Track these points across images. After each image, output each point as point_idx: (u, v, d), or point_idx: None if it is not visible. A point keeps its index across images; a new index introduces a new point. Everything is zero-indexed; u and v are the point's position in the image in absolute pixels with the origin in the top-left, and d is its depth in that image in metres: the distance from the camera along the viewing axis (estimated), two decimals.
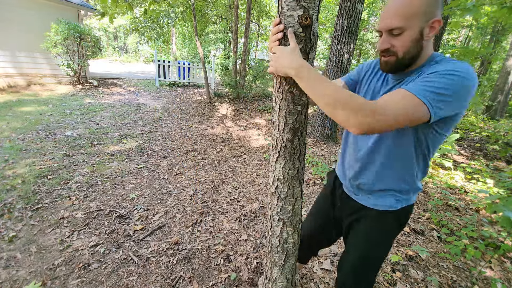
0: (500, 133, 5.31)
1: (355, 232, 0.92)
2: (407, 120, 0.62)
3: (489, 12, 2.64)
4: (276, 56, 0.72)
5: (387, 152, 0.79)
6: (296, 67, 0.67)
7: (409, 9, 0.65)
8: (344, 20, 3.83)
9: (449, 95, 0.61)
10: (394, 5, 0.67)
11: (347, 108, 0.61)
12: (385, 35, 0.71)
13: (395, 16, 0.66)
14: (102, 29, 19.60)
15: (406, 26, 0.66)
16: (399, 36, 0.68)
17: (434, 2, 0.65)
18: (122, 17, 4.40)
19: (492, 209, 1.37)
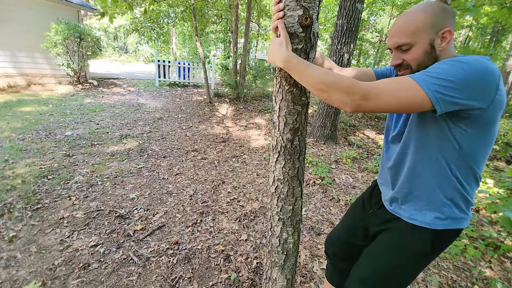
0: (500, 133, 5.31)
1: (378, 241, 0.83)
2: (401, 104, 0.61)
3: (489, 12, 2.64)
4: (269, 47, 0.76)
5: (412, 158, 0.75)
6: (284, 60, 0.69)
7: (415, 25, 0.66)
8: (344, 20, 3.83)
9: (452, 81, 0.57)
10: (400, 23, 0.69)
11: (339, 90, 0.62)
12: (395, 52, 0.72)
13: (402, 33, 0.68)
14: (102, 29, 19.60)
15: (413, 41, 0.67)
16: (409, 51, 0.69)
17: (442, 13, 0.66)
18: (122, 17, 4.40)
19: (492, 209, 1.37)
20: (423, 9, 0.67)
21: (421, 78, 0.60)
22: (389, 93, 0.61)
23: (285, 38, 0.71)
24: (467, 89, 0.57)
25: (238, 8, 7.03)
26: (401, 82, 0.62)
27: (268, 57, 0.76)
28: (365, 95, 0.61)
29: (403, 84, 0.61)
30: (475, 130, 0.64)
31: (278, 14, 0.73)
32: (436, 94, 0.58)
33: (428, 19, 0.66)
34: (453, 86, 0.57)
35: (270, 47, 0.75)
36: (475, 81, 0.57)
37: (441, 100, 0.58)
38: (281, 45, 0.71)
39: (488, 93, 0.59)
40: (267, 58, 0.78)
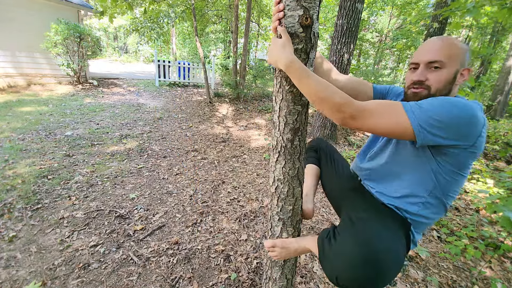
0: (500, 133, 5.31)
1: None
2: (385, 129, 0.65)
3: (489, 12, 2.64)
4: (270, 49, 0.75)
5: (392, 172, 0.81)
6: (286, 63, 0.69)
7: (454, 50, 0.71)
8: (344, 20, 3.83)
9: (439, 120, 0.61)
10: (438, 43, 0.72)
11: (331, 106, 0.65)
12: (422, 68, 0.73)
13: (440, 51, 0.71)
14: (102, 29, 19.59)
15: (447, 63, 0.71)
16: (437, 71, 0.72)
17: (468, 54, 0.73)
18: (122, 17, 4.40)
19: (492, 209, 1.37)
20: (462, 44, 0.72)
21: (411, 109, 0.63)
22: (377, 116, 0.65)
23: (287, 39, 0.71)
24: (450, 131, 0.62)
25: (238, 8, 7.03)
26: (391, 108, 0.65)
27: (269, 58, 0.76)
28: (353, 115, 0.65)
29: (392, 110, 0.65)
30: (451, 166, 0.68)
31: (278, 15, 0.73)
32: (419, 128, 0.62)
33: (463, 53, 0.71)
34: (438, 125, 0.61)
35: (272, 48, 0.74)
36: (460, 125, 0.61)
37: (422, 134, 0.62)
38: (284, 47, 0.71)
39: (470, 138, 0.63)
40: (268, 59, 0.77)
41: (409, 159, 0.75)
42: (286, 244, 0.89)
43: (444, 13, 1.88)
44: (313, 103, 0.69)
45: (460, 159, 0.67)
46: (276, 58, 0.72)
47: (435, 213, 0.77)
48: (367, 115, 0.65)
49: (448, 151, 0.66)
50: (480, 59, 9.55)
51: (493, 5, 1.66)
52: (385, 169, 0.82)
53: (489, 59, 9.77)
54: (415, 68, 0.76)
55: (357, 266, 0.57)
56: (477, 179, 3.34)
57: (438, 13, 4.81)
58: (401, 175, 0.77)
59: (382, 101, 0.68)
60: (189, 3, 6.32)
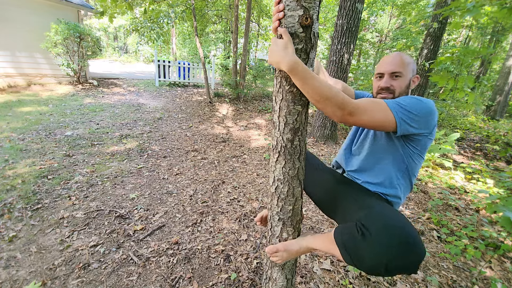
0: (500, 133, 5.31)
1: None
2: (375, 122, 0.77)
3: (489, 12, 2.64)
4: (270, 49, 0.75)
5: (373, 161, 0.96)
6: (289, 64, 0.70)
7: (407, 63, 0.94)
8: (344, 20, 3.83)
9: (414, 113, 0.79)
10: (397, 57, 0.94)
11: (334, 104, 0.72)
12: (387, 77, 0.94)
13: (399, 64, 0.93)
14: (102, 29, 19.58)
15: (404, 73, 0.93)
16: (398, 79, 0.93)
17: (415, 65, 0.97)
18: (122, 17, 4.40)
19: (492, 209, 1.37)
20: (411, 58, 0.96)
21: (393, 105, 0.79)
22: (370, 112, 0.76)
23: (289, 40, 0.71)
24: (421, 122, 0.80)
25: (238, 8, 7.03)
26: (378, 105, 0.79)
27: (270, 59, 0.75)
28: (351, 112, 0.74)
29: (380, 107, 0.78)
30: (417, 150, 0.88)
31: (279, 15, 0.73)
32: (401, 120, 0.78)
33: (413, 65, 0.96)
34: (413, 117, 0.79)
35: (273, 49, 0.74)
36: (425, 116, 0.80)
37: (403, 125, 0.78)
38: (286, 48, 0.71)
39: (430, 127, 0.83)
40: (269, 59, 0.76)
41: (385, 148, 0.91)
42: (287, 247, 0.89)
43: (444, 12, 1.88)
44: (317, 102, 0.73)
45: (423, 144, 0.86)
46: (278, 59, 0.72)
47: (405, 193, 0.94)
48: (362, 112, 0.75)
49: (416, 138, 0.85)
50: (480, 59, 9.55)
51: (493, 5, 1.66)
52: (368, 160, 0.96)
53: (489, 59, 9.77)
54: (381, 77, 0.96)
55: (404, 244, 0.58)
56: (477, 179, 3.34)
57: (438, 12, 4.81)
58: (380, 162, 0.93)
59: (370, 99, 0.80)
60: (189, 3, 6.32)
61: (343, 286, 1.52)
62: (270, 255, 0.92)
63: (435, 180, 3.25)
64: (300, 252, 0.89)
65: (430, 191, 2.95)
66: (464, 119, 6.95)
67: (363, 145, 1.00)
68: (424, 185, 3.13)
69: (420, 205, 2.63)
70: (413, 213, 2.45)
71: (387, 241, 0.59)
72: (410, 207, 2.56)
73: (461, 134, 5.19)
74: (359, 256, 0.64)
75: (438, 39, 5.19)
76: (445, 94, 2.88)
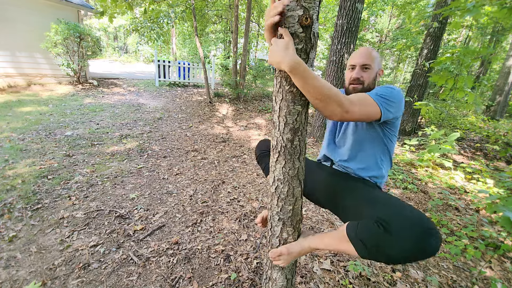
0: (500, 133, 5.31)
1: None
2: (366, 115, 0.85)
3: (489, 12, 2.64)
4: (271, 49, 0.73)
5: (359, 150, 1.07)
6: (290, 64, 0.69)
7: (375, 57, 1.05)
8: (344, 20, 3.83)
9: (392, 101, 0.90)
10: (367, 51, 1.05)
11: (336, 103, 0.75)
12: (358, 69, 1.04)
13: (369, 57, 1.04)
14: (102, 29, 19.58)
15: (372, 65, 1.04)
16: (367, 71, 1.04)
17: (380, 59, 1.08)
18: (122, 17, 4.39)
19: (492, 209, 1.37)
20: (377, 53, 1.07)
21: (376, 97, 0.88)
22: (361, 107, 0.83)
23: (290, 40, 0.70)
24: (397, 107, 0.92)
25: (238, 8, 7.03)
26: (366, 99, 0.87)
27: (271, 59, 0.74)
28: (347, 109, 0.78)
29: (368, 101, 0.87)
30: (392, 131, 1.01)
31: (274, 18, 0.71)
32: (384, 110, 0.88)
33: (379, 59, 1.07)
34: (392, 104, 0.90)
35: (274, 49, 0.72)
36: (399, 102, 0.93)
37: (386, 113, 0.89)
38: (287, 48, 0.70)
39: (401, 110, 0.96)
40: (269, 60, 0.75)
41: (367, 135, 1.02)
42: (290, 249, 0.89)
43: (444, 12, 1.88)
44: (318, 102, 0.74)
45: (396, 126, 1.01)
46: (279, 59, 0.71)
47: (387, 170, 1.06)
48: (355, 108, 0.81)
49: (391, 121, 0.98)
50: (480, 59, 9.54)
51: (493, 5, 1.66)
52: (355, 148, 1.04)
53: (489, 59, 9.77)
54: (353, 69, 1.05)
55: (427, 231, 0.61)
56: (477, 179, 3.34)
57: (438, 12, 4.81)
58: (365, 148, 1.03)
59: (358, 95, 0.88)
60: (189, 3, 6.32)
61: (343, 286, 1.52)
62: (273, 259, 0.92)
63: (435, 180, 3.25)
64: (302, 253, 0.89)
65: (430, 191, 2.95)
66: (464, 119, 6.95)
67: (346, 136, 1.09)
68: (424, 185, 3.13)
69: (420, 205, 2.63)
70: None
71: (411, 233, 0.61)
72: None
73: (461, 134, 5.19)
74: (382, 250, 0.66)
75: (438, 39, 5.19)
76: (445, 94, 2.88)
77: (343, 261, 1.74)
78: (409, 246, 0.61)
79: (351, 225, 0.75)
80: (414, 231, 0.61)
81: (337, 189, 0.98)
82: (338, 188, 0.98)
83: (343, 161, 1.07)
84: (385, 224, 0.65)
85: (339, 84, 4.11)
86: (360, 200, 0.85)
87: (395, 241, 0.63)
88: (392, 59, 17.33)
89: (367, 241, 0.69)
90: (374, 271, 1.65)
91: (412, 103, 5.19)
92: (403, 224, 0.63)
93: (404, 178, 3.20)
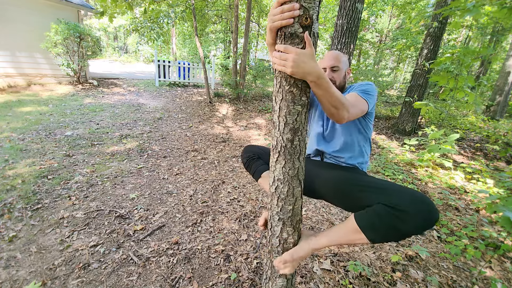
0: (500, 133, 5.31)
1: None
2: (359, 113, 0.98)
3: (489, 12, 2.64)
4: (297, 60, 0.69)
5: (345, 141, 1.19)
6: (318, 76, 0.72)
7: (340, 59, 1.18)
8: (344, 20, 3.83)
9: (373, 95, 1.07)
10: (333, 55, 1.18)
11: (345, 109, 0.85)
12: (329, 71, 1.17)
13: (335, 60, 1.17)
14: (102, 29, 19.58)
15: (340, 66, 1.17)
16: (337, 72, 1.17)
17: (347, 60, 1.22)
18: (122, 17, 4.39)
19: (492, 209, 1.37)
20: (343, 55, 1.21)
21: (362, 94, 1.03)
22: (357, 107, 0.96)
23: (313, 50, 0.70)
24: (375, 98, 1.10)
25: (238, 8, 7.03)
26: (358, 99, 1.01)
27: (296, 69, 0.70)
28: (350, 112, 0.88)
29: (360, 100, 1.01)
30: (369, 120, 1.16)
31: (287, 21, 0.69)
32: (369, 103, 1.04)
33: (345, 59, 1.21)
34: (373, 97, 1.07)
35: (300, 59, 0.69)
36: (376, 94, 1.11)
37: (370, 105, 1.05)
38: (313, 59, 0.70)
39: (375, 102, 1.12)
40: (293, 70, 0.70)
41: (352, 126, 1.14)
42: (294, 256, 0.89)
43: (444, 12, 1.88)
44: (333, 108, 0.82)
45: (372, 114, 1.15)
46: (307, 71, 0.70)
47: (368, 155, 1.19)
48: (355, 109, 0.93)
49: (369, 112, 1.11)
50: (480, 59, 9.54)
51: (493, 5, 1.66)
52: (345, 139, 1.14)
53: (489, 59, 9.77)
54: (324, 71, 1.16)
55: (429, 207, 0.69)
56: (477, 179, 3.34)
57: (437, 12, 4.81)
58: (353, 139, 1.14)
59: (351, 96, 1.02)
60: (189, 3, 6.32)
61: (343, 286, 1.52)
62: (278, 268, 0.92)
63: (435, 180, 3.25)
64: (306, 256, 0.90)
65: (430, 191, 2.95)
66: (464, 119, 6.95)
67: (334, 129, 1.18)
68: (424, 185, 3.13)
69: None
70: None
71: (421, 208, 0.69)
72: None
73: (461, 134, 5.19)
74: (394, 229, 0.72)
75: (438, 39, 5.19)
76: (445, 94, 2.88)
77: (343, 261, 1.74)
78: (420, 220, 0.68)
79: (359, 216, 0.79)
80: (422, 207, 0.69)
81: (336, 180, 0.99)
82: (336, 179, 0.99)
83: (336, 152, 1.16)
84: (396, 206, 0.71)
85: None
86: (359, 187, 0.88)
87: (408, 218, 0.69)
88: (392, 59, 17.33)
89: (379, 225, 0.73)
90: (374, 271, 1.65)
91: (412, 103, 5.19)
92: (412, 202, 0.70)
93: (404, 178, 3.21)
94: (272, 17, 0.72)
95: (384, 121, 6.60)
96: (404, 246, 1.94)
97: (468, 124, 6.26)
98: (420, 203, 0.70)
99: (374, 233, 0.74)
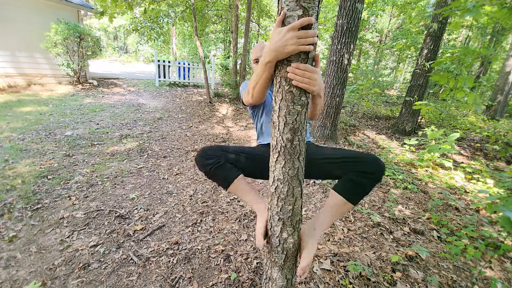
0: (500, 133, 5.31)
1: None
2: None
3: (489, 12, 2.65)
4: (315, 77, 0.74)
5: None
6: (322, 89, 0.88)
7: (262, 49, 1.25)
8: (344, 20, 3.83)
9: None
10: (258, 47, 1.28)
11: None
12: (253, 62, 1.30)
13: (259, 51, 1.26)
14: (102, 29, 19.58)
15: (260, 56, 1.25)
16: None
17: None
18: (122, 17, 4.40)
19: (492, 209, 1.37)
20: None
21: None
22: None
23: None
24: None
25: (238, 8, 7.03)
26: None
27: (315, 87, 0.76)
28: None
29: None
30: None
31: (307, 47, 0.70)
32: None
33: None
34: None
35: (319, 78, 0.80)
36: None
37: None
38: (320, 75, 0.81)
39: None
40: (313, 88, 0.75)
41: None
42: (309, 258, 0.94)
43: (444, 12, 1.88)
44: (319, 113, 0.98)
45: None
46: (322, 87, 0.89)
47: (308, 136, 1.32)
48: None
49: None
50: (480, 59, 9.54)
51: (493, 5, 1.66)
52: None
53: (489, 59, 9.77)
54: (257, 62, 1.27)
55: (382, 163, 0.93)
56: (477, 179, 3.34)
57: (438, 12, 4.81)
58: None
59: None
60: (189, 3, 6.32)
61: (343, 286, 1.52)
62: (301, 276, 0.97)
63: (435, 180, 3.25)
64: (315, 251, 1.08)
65: (430, 191, 2.95)
66: (464, 119, 6.95)
67: None
68: (424, 185, 3.13)
69: (420, 205, 2.63)
70: (413, 213, 2.45)
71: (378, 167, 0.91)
72: (410, 207, 2.56)
73: (461, 134, 5.19)
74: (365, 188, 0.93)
75: (438, 39, 5.19)
76: (445, 94, 2.88)
77: (343, 261, 1.74)
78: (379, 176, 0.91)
79: (342, 189, 0.96)
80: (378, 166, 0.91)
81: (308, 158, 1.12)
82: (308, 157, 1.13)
83: None
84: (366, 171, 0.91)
85: (339, 84, 4.11)
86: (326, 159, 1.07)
87: (372, 178, 0.91)
88: (392, 59, 17.33)
89: (357, 190, 0.93)
90: (374, 271, 1.65)
91: (412, 103, 5.19)
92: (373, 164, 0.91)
93: (404, 178, 3.20)
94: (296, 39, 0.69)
95: (384, 121, 6.60)
96: (404, 246, 1.94)
97: (468, 124, 6.26)
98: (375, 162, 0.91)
99: (355, 198, 0.94)
